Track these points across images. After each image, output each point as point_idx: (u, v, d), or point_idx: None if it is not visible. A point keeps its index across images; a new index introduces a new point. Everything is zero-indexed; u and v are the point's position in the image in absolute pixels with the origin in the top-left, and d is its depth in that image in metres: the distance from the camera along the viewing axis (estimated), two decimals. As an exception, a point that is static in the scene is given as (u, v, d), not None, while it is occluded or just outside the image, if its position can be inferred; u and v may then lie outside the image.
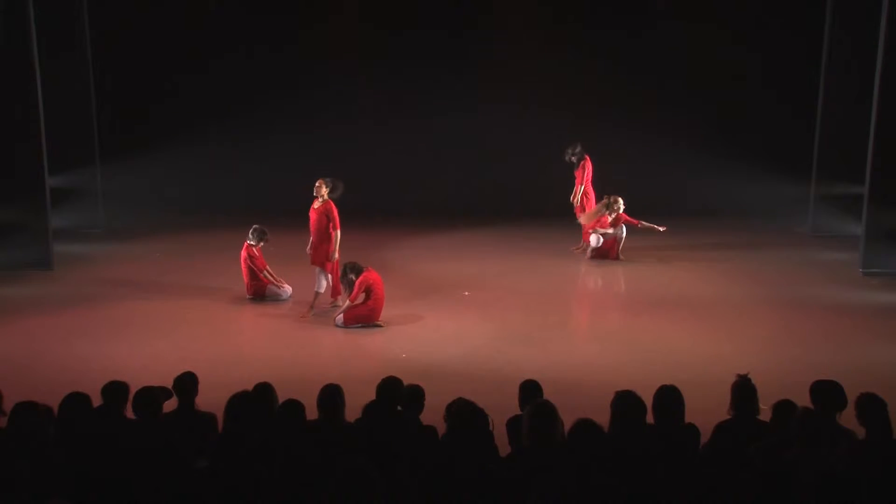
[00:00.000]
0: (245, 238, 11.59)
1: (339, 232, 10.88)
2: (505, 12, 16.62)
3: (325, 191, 10.95)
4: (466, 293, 11.88)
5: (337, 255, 10.92)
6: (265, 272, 11.54)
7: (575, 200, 13.88)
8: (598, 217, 13.44)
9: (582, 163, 13.81)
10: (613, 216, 13.39)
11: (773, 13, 15.90)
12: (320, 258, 10.95)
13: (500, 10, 16.66)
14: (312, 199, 11.05)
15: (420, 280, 12.36)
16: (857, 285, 12.13)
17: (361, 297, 10.43)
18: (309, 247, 11.07)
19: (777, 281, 12.45)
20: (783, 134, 16.09)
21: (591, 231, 13.44)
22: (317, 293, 11.02)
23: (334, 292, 11.12)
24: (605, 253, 13.42)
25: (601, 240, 13.36)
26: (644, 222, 13.42)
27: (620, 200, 13.37)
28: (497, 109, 16.45)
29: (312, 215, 11.01)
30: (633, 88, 16.16)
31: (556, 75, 16.28)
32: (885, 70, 11.88)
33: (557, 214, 14.41)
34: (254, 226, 11.62)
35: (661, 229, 13.43)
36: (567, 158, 13.88)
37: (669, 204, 15.17)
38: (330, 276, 11.03)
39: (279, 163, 16.58)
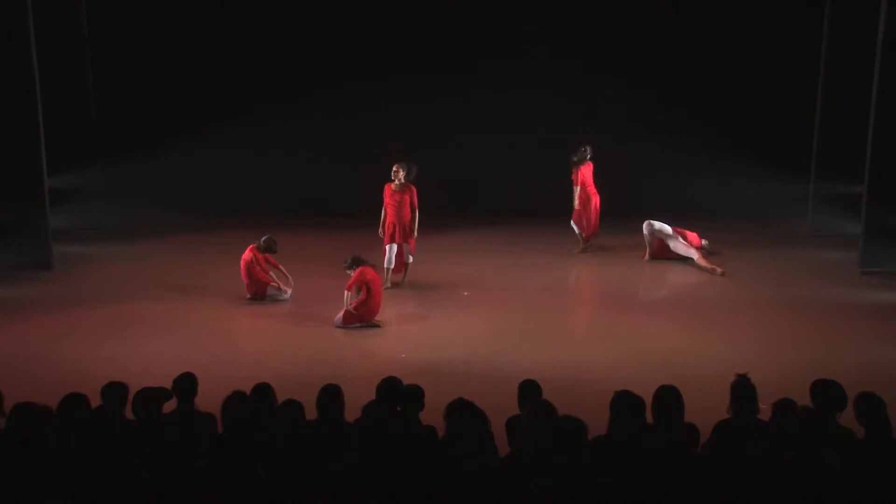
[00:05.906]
0: (254, 241, 11.67)
1: (417, 212, 11.89)
2: (509, 13, 16.60)
3: (402, 174, 11.91)
4: (466, 293, 11.89)
5: (415, 234, 11.94)
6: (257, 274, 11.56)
7: (574, 202, 13.84)
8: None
9: (581, 165, 13.75)
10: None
11: (773, 12, 15.88)
12: (403, 235, 11.86)
13: (505, 10, 16.64)
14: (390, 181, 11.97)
15: (420, 280, 12.35)
16: (856, 285, 12.12)
17: (355, 293, 10.58)
18: (381, 226, 11.92)
19: (777, 281, 12.44)
20: (783, 134, 16.06)
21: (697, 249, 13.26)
22: (387, 269, 11.91)
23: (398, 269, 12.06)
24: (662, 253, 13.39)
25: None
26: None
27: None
28: (498, 109, 16.42)
29: (392, 197, 11.89)
30: (633, 88, 16.13)
31: (556, 75, 16.24)
32: (883, 69, 11.88)
33: (558, 214, 14.38)
34: (268, 235, 11.73)
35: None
36: (574, 160, 13.72)
37: (669, 204, 15.16)
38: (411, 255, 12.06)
39: (278, 163, 16.57)
